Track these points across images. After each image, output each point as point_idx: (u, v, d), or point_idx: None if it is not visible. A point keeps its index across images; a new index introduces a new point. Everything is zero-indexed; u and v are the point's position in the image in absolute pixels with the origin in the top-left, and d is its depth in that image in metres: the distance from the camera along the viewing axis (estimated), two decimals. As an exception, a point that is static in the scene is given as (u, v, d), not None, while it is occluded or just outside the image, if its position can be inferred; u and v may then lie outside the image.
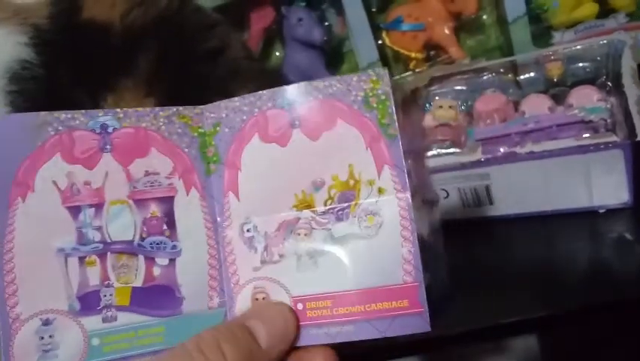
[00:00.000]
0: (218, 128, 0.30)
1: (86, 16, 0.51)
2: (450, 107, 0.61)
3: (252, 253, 0.29)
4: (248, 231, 0.29)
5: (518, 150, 0.54)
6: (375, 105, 0.28)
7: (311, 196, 0.28)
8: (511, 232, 0.56)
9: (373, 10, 0.76)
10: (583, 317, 0.44)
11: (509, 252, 0.54)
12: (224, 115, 0.30)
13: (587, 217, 0.53)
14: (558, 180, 0.54)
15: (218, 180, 0.30)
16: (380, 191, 0.27)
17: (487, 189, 0.56)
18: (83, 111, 0.28)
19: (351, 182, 0.28)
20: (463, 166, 0.56)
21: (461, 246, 0.55)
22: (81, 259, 0.28)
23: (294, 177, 0.29)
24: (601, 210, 0.53)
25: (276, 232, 0.29)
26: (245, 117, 0.29)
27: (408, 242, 0.27)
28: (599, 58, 0.58)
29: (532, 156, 0.54)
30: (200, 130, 0.30)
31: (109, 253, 0.28)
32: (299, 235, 0.28)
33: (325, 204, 0.28)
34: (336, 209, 0.28)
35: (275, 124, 0.29)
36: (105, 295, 0.28)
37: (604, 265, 0.48)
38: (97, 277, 0.28)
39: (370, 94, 0.28)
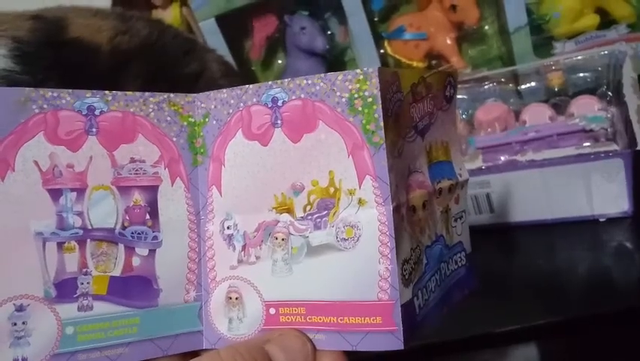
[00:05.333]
0: (207, 119, 0.29)
1: (72, 35, 0.51)
2: (451, 115, 0.61)
3: (231, 251, 0.28)
4: (228, 228, 0.29)
5: (519, 158, 0.54)
6: (360, 109, 0.26)
7: (290, 200, 0.27)
8: (511, 240, 0.56)
9: (375, 19, 0.77)
10: (583, 325, 0.43)
11: (509, 260, 0.54)
12: (213, 106, 0.29)
13: (587, 226, 0.53)
14: (558, 188, 0.54)
15: (204, 172, 0.29)
16: (360, 202, 0.26)
17: (488, 197, 0.56)
18: (70, 91, 0.27)
19: (331, 189, 0.26)
20: (464, 174, 0.56)
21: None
22: (59, 245, 0.27)
23: (274, 178, 0.28)
24: (601, 219, 0.53)
25: (255, 232, 0.28)
26: (231, 111, 0.28)
27: (386, 259, 0.25)
28: (599, 68, 0.59)
29: (532, 164, 0.54)
30: (190, 119, 0.29)
31: (89, 240, 0.27)
32: (276, 238, 0.27)
33: (304, 210, 0.27)
34: (314, 216, 0.27)
35: (258, 121, 0.28)
36: (82, 283, 0.27)
37: (604, 274, 0.48)
38: (75, 264, 0.27)
39: (356, 95, 0.26)
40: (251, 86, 0.28)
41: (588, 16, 0.70)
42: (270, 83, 0.27)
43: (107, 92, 0.28)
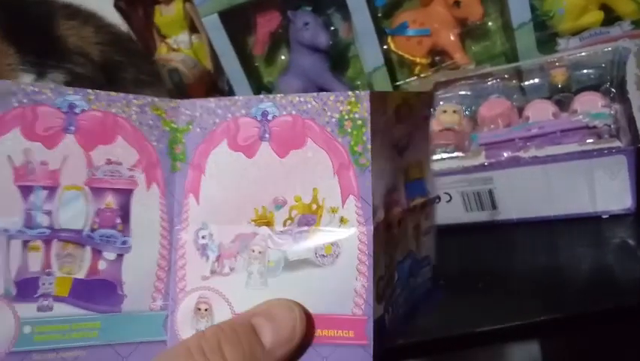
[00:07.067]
0: (190, 127, 0.29)
1: None
2: (454, 111, 0.61)
3: (204, 261, 0.28)
4: (203, 238, 0.28)
5: (522, 154, 0.54)
6: (349, 130, 0.26)
7: (271, 214, 0.27)
8: (513, 236, 0.56)
9: (379, 15, 0.77)
10: (585, 322, 0.43)
11: (512, 256, 0.54)
12: (198, 114, 0.29)
13: (590, 223, 0.53)
14: (561, 185, 0.54)
15: (182, 179, 0.29)
16: (342, 221, 0.26)
17: (491, 193, 0.56)
18: (52, 86, 0.27)
19: (314, 206, 0.27)
20: (467, 170, 0.56)
21: (464, 250, 0.55)
22: (25, 243, 0.26)
23: (256, 191, 0.28)
24: (604, 216, 0.53)
25: (231, 243, 0.28)
26: (217, 120, 0.28)
27: (363, 276, 0.26)
28: (603, 65, 0.59)
29: (535, 160, 0.54)
30: (172, 125, 0.29)
31: (55, 241, 0.27)
32: (253, 251, 0.27)
33: (284, 225, 0.27)
34: (294, 231, 0.27)
35: (245, 133, 0.28)
36: (44, 284, 0.27)
37: (606, 271, 0.48)
38: (38, 263, 0.27)
39: (346, 117, 0.26)
40: (241, 97, 0.28)
41: (592, 12, 0.70)
42: (261, 96, 0.28)
43: (89, 90, 0.27)
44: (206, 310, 0.28)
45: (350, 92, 0.26)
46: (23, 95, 0.26)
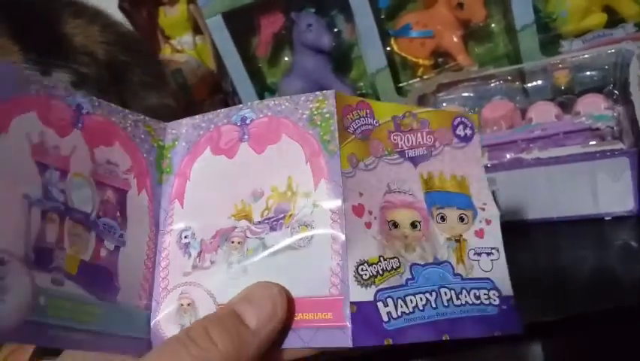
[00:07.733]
0: (176, 143, 0.32)
1: None
2: (457, 113, 0.61)
3: (186, 259, 0.30)
4: (185, 237, 0.30)
5: (524, 156, 0.54)
6: (319, 123, 0.29)
7: (249, 207, 0.29)
8: (516, 238, 0.56)
9: (382, 17, 0.77)
10: (587, 323, 0.43)
11: (513, 257, 0.54)
12: (183, 131, 0.32)
13: (593, 224, 0.53)
14: (564, 186, 0.54)
15: (168, 189, 0.31)
16: (315, 204, 0.28)
17: (493, 194, 0.56)
18: (66, 86, 0.30)
19: (289, 194, 0.28)
20: (469, 172, 0.56)
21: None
22: (44, 213, 0.27)
23: (236, 188, 0.29)
24: (606, 218, 0.53)
25: (212, 239, 0.29)
26: (201, 132, 0.31)
27: (337, 255, 0.27)
28: (606, 67, 0.59)
29: (538, 162, 0.54)
30: (160, 142, 0.32)
31: (67, 218, 0.28)
32: (232, 242, 0.29)
33: (262, 215, 0.29)
34: (271, 219, 0.28)
35: (226, 138, 0.30)
36: (57, 257, 0.27)
37: (609, 273, 0.48)
38: (54, 235, 0.27)
39: (315, 112, 0.29)
40: (222, 110, 0.31)
41: (595, 14, 0.70)
42: (240, 105, 0.31)
43: (94, 98, 0.30)
44: (188, 305, 0.29)
45: (318, 92, 0.29)
46: (41, 87, 0.29)
